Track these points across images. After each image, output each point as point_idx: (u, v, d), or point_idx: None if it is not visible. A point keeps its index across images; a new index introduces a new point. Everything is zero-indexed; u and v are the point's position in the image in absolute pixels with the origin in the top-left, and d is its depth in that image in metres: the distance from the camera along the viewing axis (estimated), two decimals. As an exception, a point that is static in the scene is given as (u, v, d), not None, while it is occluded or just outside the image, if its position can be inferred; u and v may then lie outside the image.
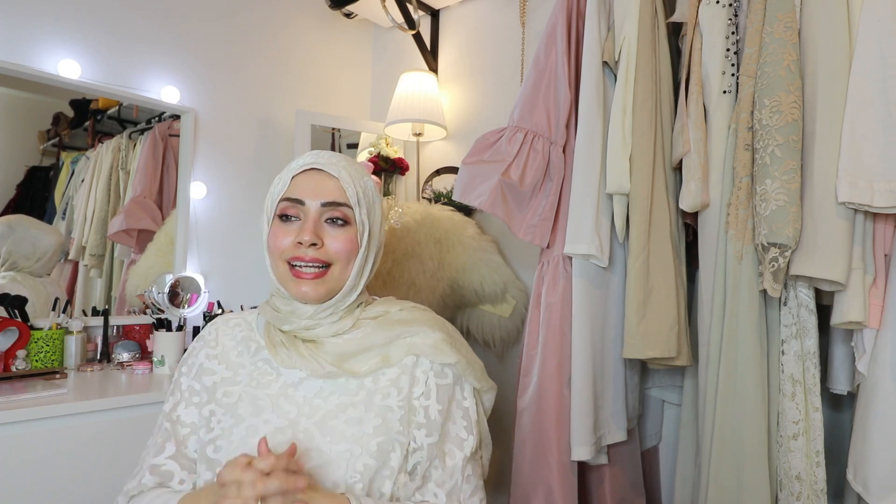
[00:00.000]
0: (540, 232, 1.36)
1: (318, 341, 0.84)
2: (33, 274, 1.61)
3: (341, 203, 0.83)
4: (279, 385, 0.82)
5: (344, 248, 0.82)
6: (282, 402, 0.80)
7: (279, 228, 0.83)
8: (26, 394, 1.23)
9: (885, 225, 1.06)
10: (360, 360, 0.83)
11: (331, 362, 0.81)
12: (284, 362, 0.82)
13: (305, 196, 0.82)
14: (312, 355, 0.81)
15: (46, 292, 1.63)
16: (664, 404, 1.54)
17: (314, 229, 0.81)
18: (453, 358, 0.85)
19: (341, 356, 0.82)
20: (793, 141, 1.06)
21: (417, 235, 1.73)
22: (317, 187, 0.83)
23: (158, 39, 1.84)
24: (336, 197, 0.83)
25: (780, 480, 1.13)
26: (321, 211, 0.82)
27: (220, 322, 0.91)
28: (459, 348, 0.88)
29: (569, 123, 1.37)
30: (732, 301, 1.14)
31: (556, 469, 1.29)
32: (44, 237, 1.64)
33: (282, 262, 0.82)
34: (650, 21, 1.27)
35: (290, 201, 0.82)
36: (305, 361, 0.81)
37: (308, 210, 0.82)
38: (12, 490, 1.13)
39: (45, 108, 1.68)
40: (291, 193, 0.83)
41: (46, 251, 1.64)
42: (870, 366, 1.03)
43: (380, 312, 0.88)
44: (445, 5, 2.20)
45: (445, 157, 2.18)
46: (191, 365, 0.87)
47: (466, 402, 0.88)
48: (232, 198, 2.01)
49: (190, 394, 0.85)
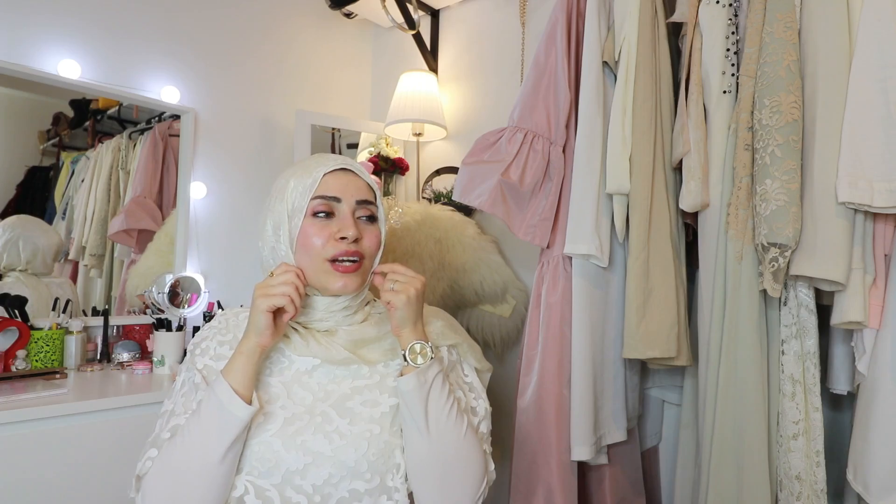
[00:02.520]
0: (540, 232, 1.36)
1: (331, 330, 0.87)
2: (35, 274, 1.62)
3: (370, 201, 0.88)
4: (293, 373, 0.84)
5: (374, 242, 0.88)
6: (296, 389, 0.82)
7: (314, 226, 0.84)
8: (26, 394, 1.23)
9: (885, 225, 1.06)
10: (373, 348, 0.87)
11: (346, 348, 0.84)
12: (298, 350, 0.84)
13: (341, 194, 0.85)
14: (328, 342, 0.84)
15: (49, 292, 1.63)
16: (664, 404, 1.54)
17: (356, 224, 0.85)
18: (456, 339, 0.92)
19: (355, 343, 0.85)
20: (793, 141, 1.06)
21: (417, 235, 1.73)
22: (349, 186, 0.86)
23: (158, 39, 1.84)
24: (367, 195, 0.88)
25: (780, 480, 1.13)
26: (355, 208, 0.86)
27: (229, 314, 0.92)
28: (459, 332, 0.95)
29: (569, 123, 1.37)
30: (732, 301, 1.14)
31: (556, 469, 1.29)
32: (42, 237, 1.64)
33: (320, 260, 0.83)
34: (650, 21, 1.26)
35: (325, 199, 0.85)
36: (321, 348, 0.83)
37: (343, 207, 0.85)
38: (12, 490, 1.13)
39: (45, 108, 1.68)
40: (326, 191, 0.85)
41: (46, 252, 1.64)
42: (870, 366, 1.03)
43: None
44: (445, 5, 2.20)
45: (445, 157, 2.18)
46: (205, 348, 0.87)
47: (469, 377, 0.93)
48: (232, 198, 2.01)
49: (207, 372, 0.84)
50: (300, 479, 0.76)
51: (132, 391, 1.35)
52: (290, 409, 0.80)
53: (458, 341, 0.92)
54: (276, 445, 0.77)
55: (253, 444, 0.77)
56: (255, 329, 0.78)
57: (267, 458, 0.77)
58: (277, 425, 0.78)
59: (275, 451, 0.77)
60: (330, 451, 0.77)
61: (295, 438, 0.77)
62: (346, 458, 0.77)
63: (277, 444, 0.77)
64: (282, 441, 0.77)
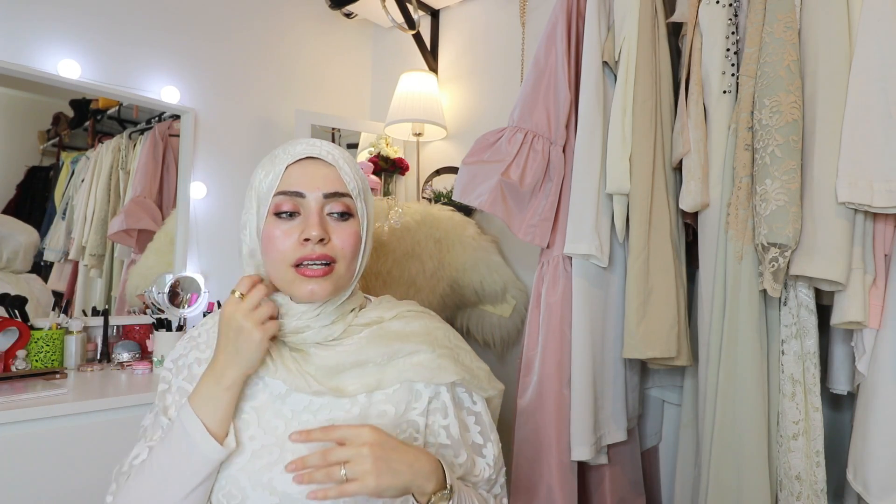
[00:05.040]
0: (540, 232, 1.36)
1: (305, 351, 0.76)
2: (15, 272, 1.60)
3: (343, 194, 0.75)
4: (266, 396, 0.75)
5: (349, 242, 0.75)
6: (269, 417, 0.74)
7: (276, 228, 0.74)
8: (26, 394, 1.23)
9: (885, 225, 1.06)
10: (352, 375, 0.75)
11: (318, 378, 0.73)
12: (269, 373, 0.74)
13: (305, 188, 0.74)
14: (299, 370, 0.73)
15: (29, 289, 1.61)
16: (664, 404, 1.54)
17: (321, 222, 0.73)
18: (456, 376, 0.78)
19: (330, 370, 0.74)
20: (793, 141, 1.06)
21: (417, 235, 1.73)
22: (316, 177, 0.75)
23: (158, 39, 1.84)
24: (338, 187, 0.75)
25: (780, 480, 1.13)
26: (323, 203, 0.74)
27: (209, 323, 0.84)
28: (462, 359, 0.81)
29: (569, 123, 1.37)
30: (732, 301, 1.14)
31: (556, 469, 1.29)
32: (13, 237, 1.62)
33: (285, 267, 0.73)
34: (650, 21, 1.26)
35: (287, 195, 0.74)
36: (291, 376, 0.73)
37: (309, 203, 0.74)
38: (12, 490, 1.13)
39: (45, 108, 1.68)
40: (288, 186, 0.74)
41: (16, 251, 1.61)
42: (870, 366, 1.03)
43: (373, 319, 0.80)
44: (445, 5, 2.20)
45: (445, 157, 2.18)
46: (181, 366, 0.81)
47: (477, 406, 0.83)
48: (232, 198, 2.01)
49: (180, 395, 0.78)
50: None
51: (132, 391, 1.35)
52: (260, 439, 0.72)
53: (460, 376, 0.78)
54: (243, 481, 0.70)
55: (221, 477, 0.71)
56: (245, 360, 0.69)
57: (233, 494, 0.70)
58: (245, 458, 0.71)
59: (241, 487, 0.70)
60: (298, 492, 0.68)
61: (262, 475, 0.70)
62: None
63: (244, 480, 0.70)
64: (248, 476, 0.70)
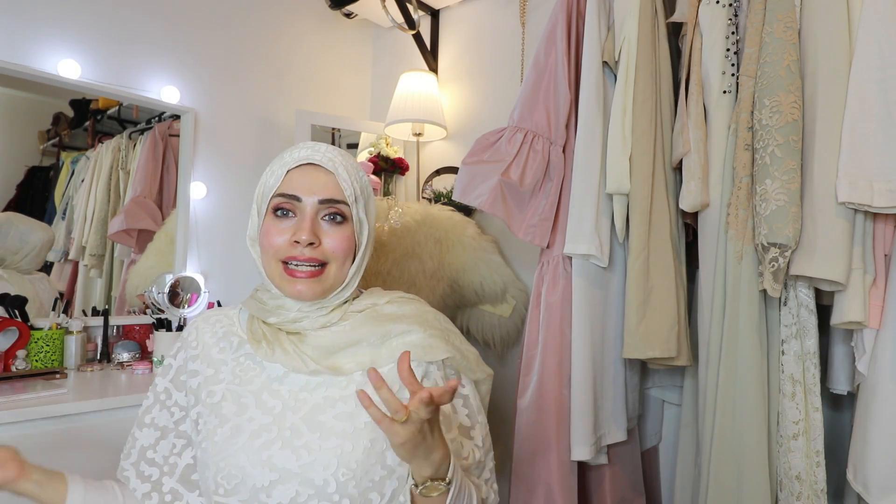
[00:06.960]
0: (540, 232, 1.36)
1: (302, 333, 0.81)
2: (20, 270, 1.60)
3: (338, 200, 0.80)
4: (263, 380, 0.79)
5: (341, 246, 0.80)
6: (266, 398, 0.78)
7: (273, 225, 0.80)
8: (26, 394, 1.23)
9: (885, 225, 1.06)
10: (347, 354, 0.80)
11: (314, 358, 0.78)
12: (267, 356, 0.79)
13: (301, 192, 0.79)
14: (296, 351, 0.78)
15: (34, 289, 1.61)
16: (664, 404, 1.54)
17: (311, 227, 0.78)
18: (447, 353, 0.82)
19: (327, 350, 0.79)
20: (793, 141, 1.06)
21: (417, 235, 1.73)
22: (313, 183, 0.79)
23: (158, 39, 1.84)
24: (333, 194, 0.80)
25: (780, 480, 1.13)
26: (318, 208, 0.79)
27: (199, 320, 0.87)
28: (452, 340, 0.86)
29: (569, 123, 1.37)
30: (732, 301, 1.14)
31: (556, 469, 1.29)
32: (32, 233, 1.62)
33: (275, 261, 0.79)
34: (650, 21, 1.27)
35: (284, 197, 0.79)
36: (289, 357, 0.78)
37: (304, 207, 0.79)
38: (12, 490, 1.13)
39: (45, 108, 1.68)
40: (286, 189, 0.79)
41: (34, 247, 1.62)
42: (870, 366, 1.03)
43: (367, 305, 0.85)
44: (445, 5, 2.20)
45: (445, 157, 2.18)
46: (167, 367, 0.86)
47: (465, 389, 0.86)
48: (232, 198, 2.01)
49: (165, 396, 0.84)
50: (266, 496, 0.72)
51: (132, 391, 1.34)
52: (258, 420, 0.76)
53: (450, 354, 0.83)
54: (242, 461, 0.74)
55: (220, 462, 0.75)
56: None
57: (233, 474, 0.74)
58: (244, 438, 0.75)
59: (241, 466, 0.74)
60: (297, 467, 0.72)
61: (261, 453, 0.74)
62: (314, 475, 0.72)
63: (243, 460, 0.74)
64: (247, 456, 0.74)
